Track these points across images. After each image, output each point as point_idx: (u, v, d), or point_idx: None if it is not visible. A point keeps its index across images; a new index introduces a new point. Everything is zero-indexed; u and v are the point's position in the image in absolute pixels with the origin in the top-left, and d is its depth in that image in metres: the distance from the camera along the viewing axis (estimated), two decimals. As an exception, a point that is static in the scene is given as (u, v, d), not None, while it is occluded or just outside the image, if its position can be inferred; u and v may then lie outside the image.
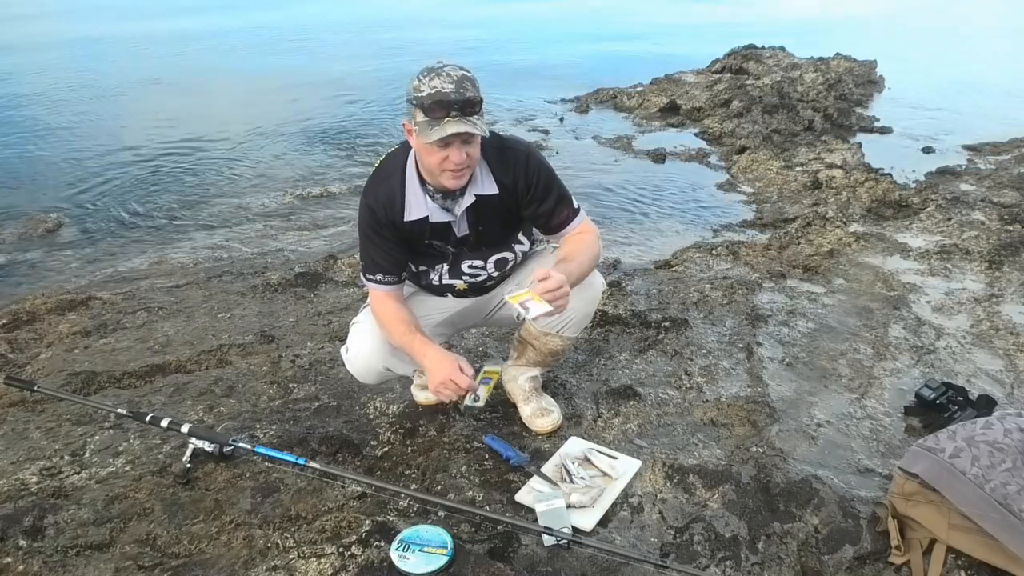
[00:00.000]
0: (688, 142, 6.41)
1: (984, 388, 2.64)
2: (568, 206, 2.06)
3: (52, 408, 2.46)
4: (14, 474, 2.15)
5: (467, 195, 1.95)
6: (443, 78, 1.75)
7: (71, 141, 6.30)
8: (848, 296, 3.37)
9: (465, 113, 1.75)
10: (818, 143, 6.02)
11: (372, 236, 1.99)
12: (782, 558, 1.88)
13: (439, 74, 1.76)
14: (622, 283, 3.47)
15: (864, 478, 2.17)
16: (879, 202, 4.62)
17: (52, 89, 8.48)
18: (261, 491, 2.07)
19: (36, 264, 3.84)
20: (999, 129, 6.71)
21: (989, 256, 3.78)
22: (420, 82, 1.77)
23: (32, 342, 2.94)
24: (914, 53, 11.80)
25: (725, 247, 3.90)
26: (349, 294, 3.37)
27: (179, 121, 6.98)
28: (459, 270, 2.11)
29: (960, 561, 1.83)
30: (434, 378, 1.90)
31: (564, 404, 2.47)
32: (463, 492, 2.08)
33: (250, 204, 4.79)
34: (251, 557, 1.85)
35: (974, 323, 3.14)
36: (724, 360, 2.79)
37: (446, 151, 1.79)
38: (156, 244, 4.10)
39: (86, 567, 1.82)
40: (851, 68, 8.94)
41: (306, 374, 2.69)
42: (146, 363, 2.75)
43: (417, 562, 1.77)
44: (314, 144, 6.29)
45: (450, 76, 1.76)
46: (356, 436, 2.32)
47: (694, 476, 2.14)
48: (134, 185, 5.15)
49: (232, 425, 2.38)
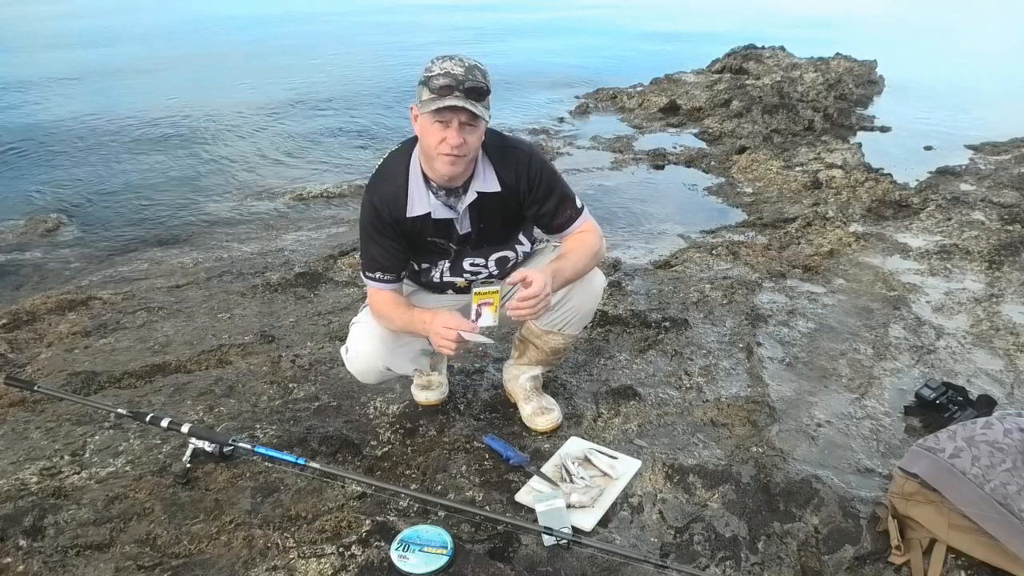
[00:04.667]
0: (688, 142, 6.41)
1: (984, 388, 2.64)
2: (571, 206, 2.06)
3: (52, 408, 2.46)
4: (14, 474, 2.15)
5: (469, 192, 1.96)
6: (455, 62, 1.80)
7: (71, 141, 6.30)
8: (848, 296, 3.37)
9: (470, 96, 1.77)
10: (818, 143, 6.03)
11: (373, 234, 1.99)
12: (782, 558, 1.88)
13: (451, 58, 1.81)
14: (622, 283, 3.47)
15: (864, 478, 2.17)
16: (879, 202, 4.62)
17: (52, 88, 8.48)
18: (261, 491, 2.07)
19: (36, 264, 3.83)
20: (999, 129, 6.71)
21: (989, 256, 3.78)
22: (433, 64, 1.82)
23: (32, 342, 2.94)
24: (914, 53, 11.81)
25: (725, 247, 3.90)
26: (349, 294, 3.37)
27: (179, 121, 6.98)
28: (460, 268, 2.11)
29: (960, 561, 1.83)
30: (434, 339, 1.90)
31: (564, 404, 2.47)
32: (463, 492, 2.08)
33: (250, 204, 4.78)
34: (251, 557, 1.85)
35: (974, 323, 3.14)
36: (724, 360, 2.79)
37: (445, 131, 1.80)
38: (156, 244, 4.10)
39: (86, 567, 1.82)
40: (851, 68, 8.95)
41: (306, 374, 2.69)
42: (146, 363, 2.75)
43: (417, 562, 1.78)
44: (314, 143, 6.29)
45: (462, 62, 1.81)
46: (356, 436, 2.32)
47: (694, 476, 2.14)
48: (134, 185, 5.15)
49: (232, 425, 2.38)
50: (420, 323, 1.94)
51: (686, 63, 9.33)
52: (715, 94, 7.57)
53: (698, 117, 7.19)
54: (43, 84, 8.74)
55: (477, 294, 1.87)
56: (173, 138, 6.37)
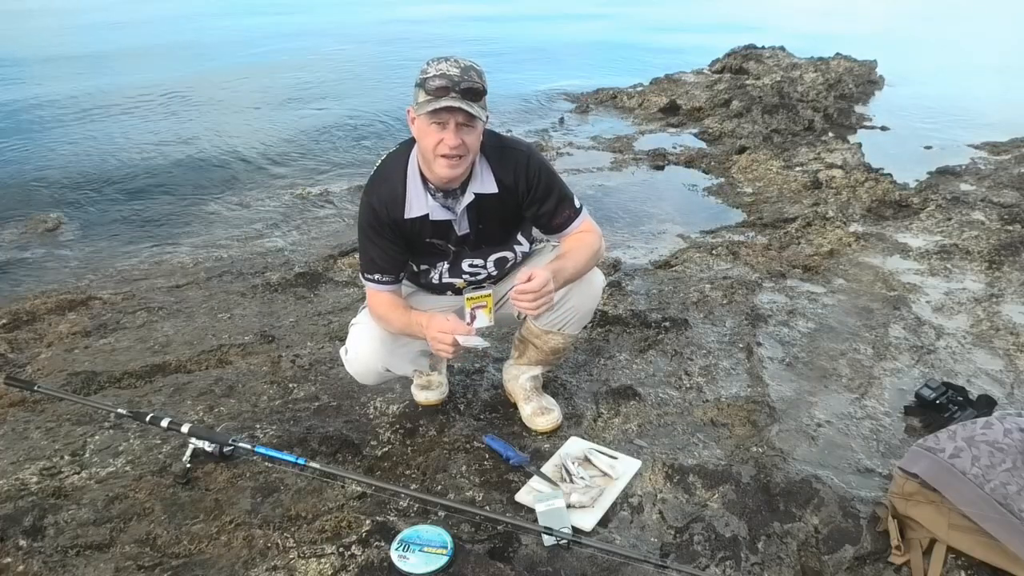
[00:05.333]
0: (688, 142, 6.41)
1: (984, 388, 2.64)
2: (569, 206, 2.06)
3: (52, 408, 2.46)
4: (14, 474, 2.15)
5: (467, 193, 1.96)
6: (450, 63, 1.80)
7: (71, 141, 6.30)
8: (848, 296, 3.37)
9: (466, 96, 1.77)
10: (818, 143, 6.02)
11: (372, 235, 2.00)
12: (782, 558, 1.88)
13: (447, 60, 1.82)
14: (622, 283, 3.47)
15: (864, 478, 2.17)
16: (879, 202, 4.62)
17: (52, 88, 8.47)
18: (261, 491, 2.07)
19: (36, 264, 3.83)
20: (999, 129, 6.71)
21: (989, 256, 3.78)
22: (428, 66, 1.82)
23: (32, 342, 2.94)
24: (914, 53, 11.81)
25: (725, 247, 3.90)
26: (349, 294, 3.37)
27: (179, 120, 6.98)
28: (459, 269, 2.11)
29: (960, 561, 1.83)
30: (430, 343, 1.90)
31: (564, 404, 2.47)
32: (463, 492, 2.08)
33: (250, 204, 4.78)
34: (251, 557, 1.85)
35: (974, 323, 3.14)
36: (724, 360, 2.79)
37: (442, 133, 1.80)
38: (156, 244, 4.10)
39: (86, 567, 1.82)
40: (851, 68, 8.95)
41: (306, 374, 2.69)
42: (146, 363, 2.75)
43: (417, 562, 1.78)
44: (315, 143, 6.29)
45: (457, 63, 1.81)
46: (356, 436, 2.32)
47: (694, 476, 2.14)
48: (134, 185, 5.15)
49: (232, 425, 2.38)
50: (417, 325, 1.94)
51: (686, 63, 9.32)
52: (715, 94, 7.57)
53: (698, 117, 7.19)
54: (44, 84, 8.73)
55: (469, 299, 1.88)
56: (174, 137, 6.37)
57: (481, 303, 1.87)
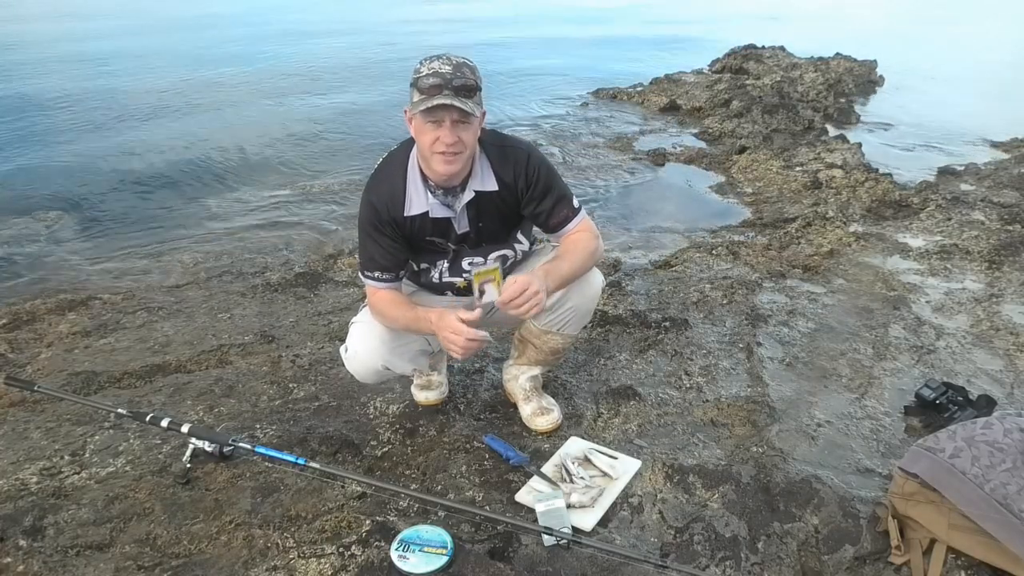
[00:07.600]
0: (688, 142, 6.41)
1: (984, 388, 2.64)
2: (568, 205, 2.06)
3: (52, 408, 2.46)
4: (14, 474, 2.15)
5: (467, 191, 1.96)
6: (442, 61, 1.81)
7: (71, 141, 6.30)
8: (848, 296, 3.37)
9: (459, 94, 1.77)
10: (818, 143, 6.02)
11: (372, 233, 2.00)
12: (782, 558, 1.88)
13: (439, 58, 1.82)
14: (622, 283, 3.47)
15: (864, 478, 2.17)
16: (879, 202, 4.62)
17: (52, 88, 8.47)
18: (261, 491, 2.07)
19: (36, 263, 3.83)
20: (999, 129, 6.71)
21: (989, 256, 3.78)
22: (421, 65, 1.82)
23: (32, 342, 2.94)
24: (914, 53, 11.80)
25: (725, 247, 3.90)
26: (349, 294, 3.37)
27: (179, 120, 6.98)
28: (459, 267, 2.11)
29: (960, 561, 1.83)
30: (442, 341, 1.90)
31: (564, 404, 2.47)
32: (463, 492, 2.08)
33: (250, 203, 4.78)
34: (251, 557, 1.85)
35: (974, 323, 3.14)
36: (724, 360, 2.79)
37: (438, 131, 1.80)
38: (156, 244, 4.10)
39: (86, 567, 1.82)
40: (851, 68, 8.96)
41: (306, 374, 2.69)
42: (146, 363, 2.75)
43: (417, 562, 1.78)
44: (315, 143, 6.29)
45: (450, 60, 1.81)
46: (356, 436, 2.32)
47: (694, 476, 2.14)
48: (134, 185, 5.15)
49: (232, 425, 2.38)
50: (426, 322, 1.93)
51: (686, 63, 9.32)
52: (715, 94, 7.57)
53: (698, 117, 7.19)
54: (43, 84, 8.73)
55: (478, 275, 1.86)
56: (174, 137, 6.37)
57: (489, 277, 1.86)
